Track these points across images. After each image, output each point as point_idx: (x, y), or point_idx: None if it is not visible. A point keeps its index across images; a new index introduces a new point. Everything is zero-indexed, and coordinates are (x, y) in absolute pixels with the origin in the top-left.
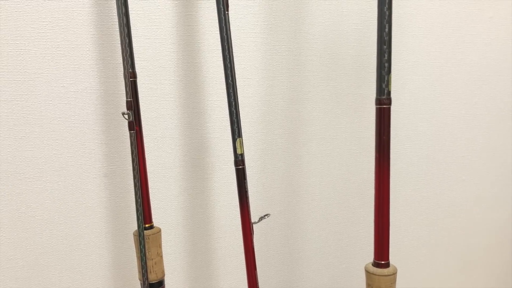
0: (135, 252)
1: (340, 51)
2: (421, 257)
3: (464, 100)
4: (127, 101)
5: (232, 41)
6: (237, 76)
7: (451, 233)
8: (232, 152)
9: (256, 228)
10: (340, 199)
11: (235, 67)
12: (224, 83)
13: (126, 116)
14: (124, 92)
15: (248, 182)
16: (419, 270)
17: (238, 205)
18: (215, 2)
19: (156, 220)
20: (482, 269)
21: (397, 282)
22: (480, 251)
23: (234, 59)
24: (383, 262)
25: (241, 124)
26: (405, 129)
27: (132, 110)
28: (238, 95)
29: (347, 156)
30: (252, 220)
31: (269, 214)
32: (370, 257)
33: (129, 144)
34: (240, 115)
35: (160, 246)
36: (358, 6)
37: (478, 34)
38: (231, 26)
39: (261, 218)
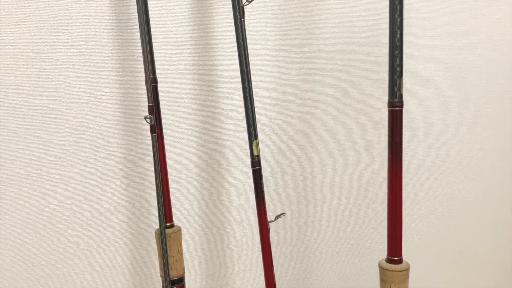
0: (153, 251)
1: (351, 54)
2: (432, 254)
3: (474, 101)
4: (149, 106)
5: None
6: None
7: (461, 231)
8: (247, 153)
9: (270, 227)
10: (352, 199)
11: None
12: (239, 87)
13: (148, 120)
14: (143, 97)
15: None
16: (429, 267)
17: (253, 205)
18: (231, 9)
19: (173, 220)
20: (492, 266)
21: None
22: (490, 249)
23: None
24: (396, 258)
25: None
26: (415, 129)
27: (153, 114)
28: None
29: (359, 156)
30: (268, 219)
31: (285, 213)
32: (381, 255)
33: (147, 146)
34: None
35: (180, 244)
36: (368, 10)
37: (486, 35)
38: None
39: (277, 217)
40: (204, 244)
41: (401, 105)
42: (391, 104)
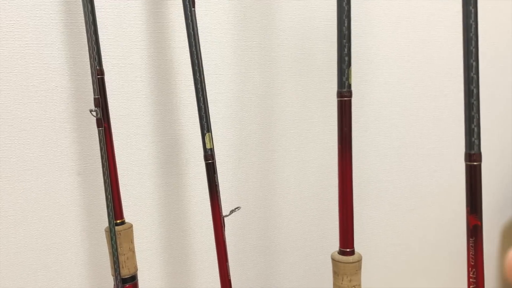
0: None
1: (311, 46)
2: (396, 246)
3: (435, 93)
4: (94, 98)
5: (204, 38)
6: (209, 72)
7: (425, 223)
8: None
9: (232, 222)
10: (315, 192)
11: (203, 64)
12: None
13: (94, 113)
14: None
15: (223, 177)
16: (394, 259)
17: None
18: None
19: (131, 217)
20: (456, 257)
21: (373, 272)
22: (454, 240)
23: (206, 56)
24: (348, 249)
25: (215, 120)
26: (377, 122)
27: (100, 107)
28: (206, 90)
29: (321, 149)
30: (224, 214)
31: (239, 207)
32: None
33: None
34: (213, 111)
35: (132, 242)
36: (327, 2)
37: (446, 27)
38: (201, 22)
39: (231, 211)
40: (165, 241)
41: (350, 95)
42: (339, 94)
